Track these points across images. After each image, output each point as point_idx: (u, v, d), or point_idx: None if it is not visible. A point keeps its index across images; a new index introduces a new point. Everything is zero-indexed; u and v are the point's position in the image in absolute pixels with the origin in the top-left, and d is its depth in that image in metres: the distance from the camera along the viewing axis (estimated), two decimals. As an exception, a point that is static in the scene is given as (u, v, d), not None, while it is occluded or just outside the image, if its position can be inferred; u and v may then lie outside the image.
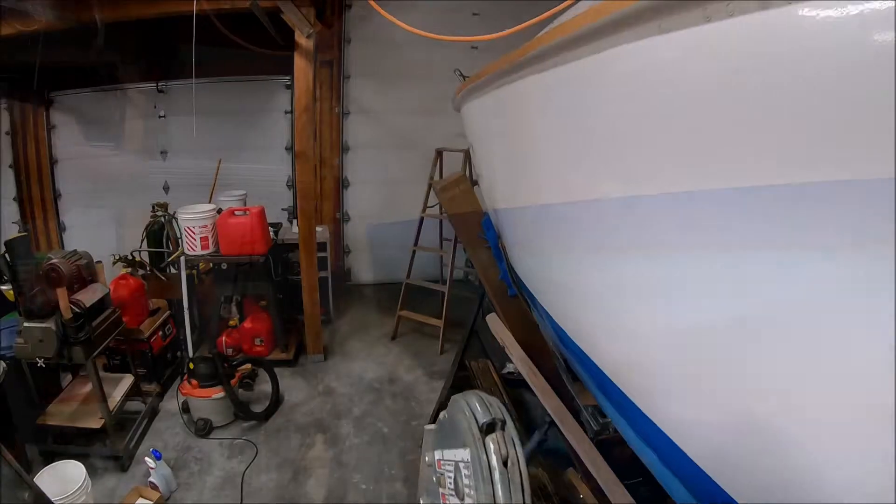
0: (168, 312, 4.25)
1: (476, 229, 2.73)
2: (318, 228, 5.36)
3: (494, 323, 2.92)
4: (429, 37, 2.72)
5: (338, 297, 5.74)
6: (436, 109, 6.29)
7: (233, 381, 3.70)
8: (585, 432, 2.16)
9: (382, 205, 6.44)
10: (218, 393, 3.61)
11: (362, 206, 6.44)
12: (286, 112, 6.11)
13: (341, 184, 6.29)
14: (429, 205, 5.29)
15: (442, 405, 3.33)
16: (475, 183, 4.24)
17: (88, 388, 3.39)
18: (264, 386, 3.99)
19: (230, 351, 4.41)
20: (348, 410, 3.95)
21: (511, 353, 2.66)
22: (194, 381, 3.63)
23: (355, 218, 6.47)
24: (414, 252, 5.20)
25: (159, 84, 5.80)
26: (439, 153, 5.41)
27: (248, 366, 3.99)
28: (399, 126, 6.40)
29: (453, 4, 6.35)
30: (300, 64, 4.30)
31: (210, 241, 4.20)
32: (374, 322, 5.52)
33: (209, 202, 4.80)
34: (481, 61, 6.36)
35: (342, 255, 6.47)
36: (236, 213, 4.26)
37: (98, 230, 5.95)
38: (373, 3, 2.93)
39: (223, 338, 4.45)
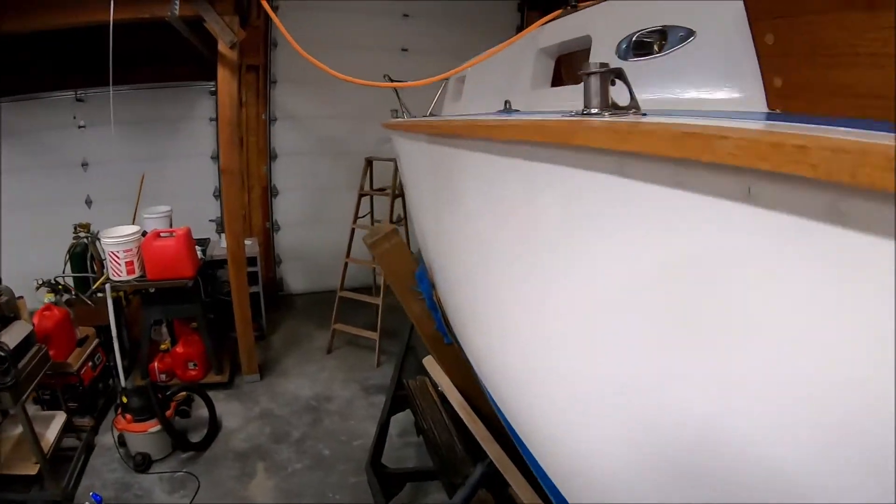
0: (97, 341, 4.15)
1: (409, 282, 2.83)
2: (248, 242, 5.33)
3: (432, 366, 3.05)
4: (353, 82, 2.76)
5: (270, 311, 5.74)
6: (365, 114, 6.29)
7: (168, 413, 3.69)
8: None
9: (313, 213, 6.44)
10: (154, 426, 3.59)
11: (292, 215, 6.41)
12: (211, 119, 5.95)
13: (270, 192, 6.23)
14: (360, 215, 5.37)
15: (383, 428, 3.48)
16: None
17: (19, 430, 3.30)
18: (202, 411, 3.99)
19: (163, 377, 4.37)
20: (287, 434, 4.02)
21: (449, 398, 2.81)
22: (129, 416, 3.59)
23: (286, 227, 6.43)
24: (346, 264, 5.28)
25: (78, 92, 5.47)
26: (369, 162, 5.46)
27: (184, 393, 3.98)
28: (328, 132, 6.39)
29: (383, 6, 6.34)
30: (224, 75, 4.23)
31: (136, 265, 4.11)
32: (309, 335, 5.57)
33: (133, 223, 4.67)
34: (412, 64, 6.51)
35: (273, 266, 6.43)
36: (162, 235, 4.19)
37: (16, 249, 5.59)
38: (295, 45, 2.91)
39: (155, 363, 4.39)
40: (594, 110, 0.99)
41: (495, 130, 1.34)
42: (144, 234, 4.26)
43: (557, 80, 2.14)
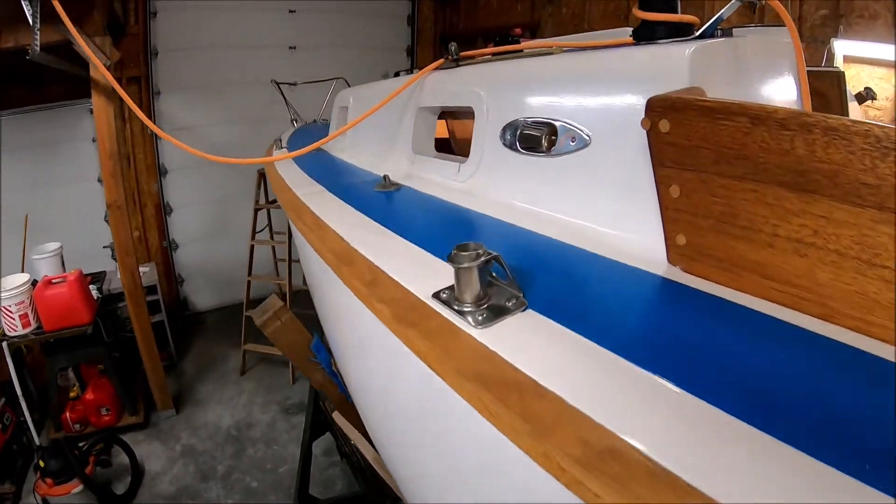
0: (2, 400, 4.03)
1: (306, 354, 2.95)
2: (145, 269, 5.25)
3: (341, 421, 3.24)
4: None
5: (179, 334, 5.70)
6: (255, 117, 6.27)
7: (88, 469, 3.74)
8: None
9: (211, 226, 6.33)
10: (77, 487, 3.63)
11: (190, 231, 6.26)
12: (94, 139, 5.61)
13: (164, 210, 6.03)
14: (257, 229, 5.40)
15: (306, 457, 3.74)
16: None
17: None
18: (123, 456, 4.05)
19: (77, 426, 4.33)
20: (213, 469, 4.19)
21: (363, 451, 3.00)
22: (49, 480, 3.61)
23: (184, 244, 6.27)
24: (249, 282, 5.35)
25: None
26: (262, 174, 5.46)
27: (101, 444, 4.01)
28: (218, 140, 6.23)
29: (268, 3, 6.22)
30: (100, 103, 4.04)
31: (30, 317, 4.01)
32: (221, 356, 5.62)
33: (22, 268, 4.46)
34: (301, 61, 6.45)
35: (176, 286, 6.30)
36: (53, 282, 4.08)
37: None
38: (141, 114, 2.85)
39: (67, 413, 4.33)
40: (466, 307, 0.82)
41: (343, 269, 1.17)
42: (35, 282, 4.12)
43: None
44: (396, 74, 2.81)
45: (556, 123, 1.26)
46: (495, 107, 1.46)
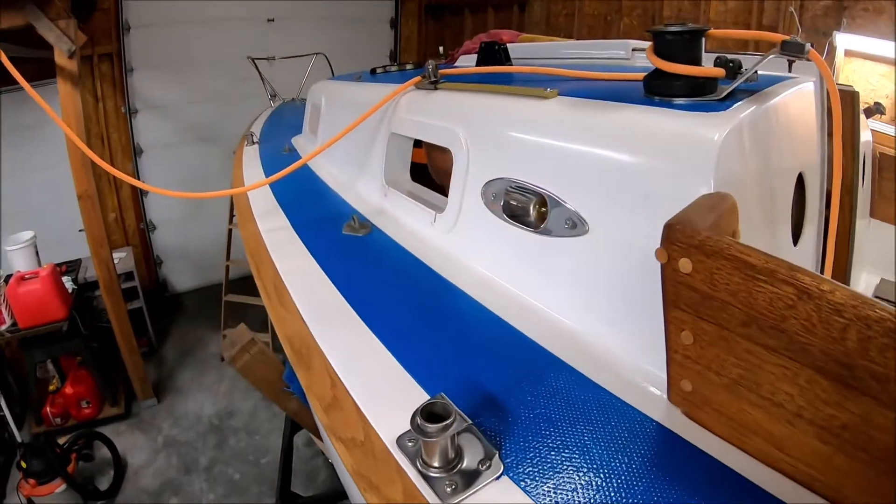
0: (-19, 396, 3.98)
1: (279, 385, 2.91)
2: (121, 254, 5.15)
3: (320, 444, 3.24)
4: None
5: (157, 319, 5.62)
6: (232, 95, 6.08)
7: (70, 467, 3.72)
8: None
9: (189, 206, 6.17)
10: (60, 486, 3.62)
11: (167, 212, 6.10)
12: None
13: (139, 191, 5.87)
14: (235, 213, 5.27)
15: (287, 454, 3.76)
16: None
17: None
18: (105, 449, 4.04)
19: (58, 420, 4.29)
20: (195, 461, 4.18)
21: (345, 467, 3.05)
22: (31, 480, 3.58)
23: (162, 225, 6.13)
24: (227, 266, 5.26)
25: None
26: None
27: (83, 439, 3.99)
28: (194, 119, 6.05)
29: (247, 9, 5.95)
30: (66, 90, 3.85)
31: (5, 314, 3.93)
32: (201, 340, 5.57)
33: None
34: (279, 34, 6.21)
35: (154, 268, 6.19)
36: (26, 277, 3.98)
37: None
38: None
39: (47, 408, 4.28)
40: (433, 472, 0.73)
41: (301, 372, 1.07)
42: (9, 277, 4.02)
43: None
44: (373, 72, 2.67)
45: (548, 196, 1.12)
46: (477, 156, 1.32)
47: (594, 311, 1.01)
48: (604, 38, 5.15)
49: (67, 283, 4.38)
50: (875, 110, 2.63)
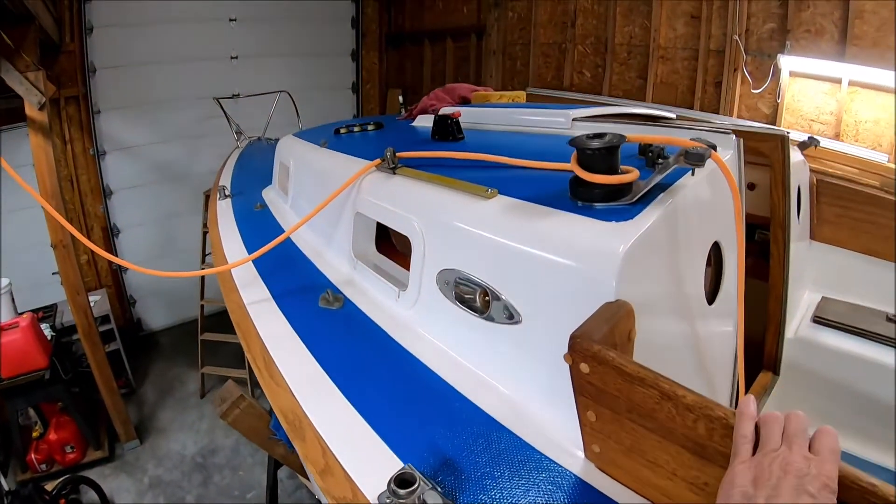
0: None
1: (266, 433, 3.06)
2: (96, 297, 5.21)
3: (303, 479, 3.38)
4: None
5: (135, 358, 5.70)
6: (198, 133, 6.20)
7: (59, 514, 3.80)
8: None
9: (161, 245, 6.27)
10: (49, 534, 3.71)
11: (140, 252, 6.17)
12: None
13: (111, 232, 5.94)
14: (207, 252, 5.37)
15: (272, 489, 3.88)
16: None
17: None
18: (92, 493, 4.11)
19: (43, 467, 4.36)
20: (182, 500, 4.26)
21: None
22: (19, 531, 3.66)
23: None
24: (202, 306, 5.37)
25: None
26: (207, 196, 5.42)
27: (69, 485, 4.06)
28: (162, 158, 6.16)
29: (208, 12, 6.10)
30: (37, 141, 3.93)
31: (-14, 365, 3.98)
32: (179, 378, 5.65)
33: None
34: (243, 71, 6.35)
35: (128, 308, 6.24)
36: (5, 328, 4.04)
37: None
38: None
39: (32, 454, 4.33)
40: None
41: (297, 443, 1.25)
42: (-14, 328, 4.08)
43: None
44: (337, 132, 2.86)
45: (489, 288, 1.29)
46: (431, 247, 1.48)
47: (532, 386, 1.21)
48: (558, 67, 5.45)
49: (45, 329, 4.45)
50: (809, 144, 2.89)
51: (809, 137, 2.81)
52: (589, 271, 1.08)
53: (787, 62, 3.53)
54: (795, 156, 2.51)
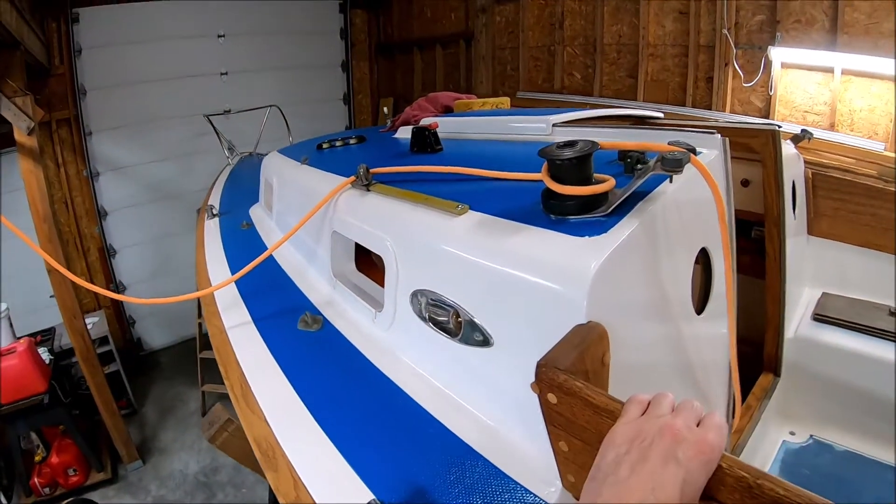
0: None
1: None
2: (94, 319, 5.20)
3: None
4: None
5: (135, 378, 5.67)
6: (191, 150, 6.19)
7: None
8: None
9: (157, 264, 6.25)
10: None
11: (137, 272, 6.18)
12: (25, 190, 5.44)
13: (107, 253, 5.92)
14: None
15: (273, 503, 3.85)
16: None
17: None
18: (96, 514, 4.09)
19: (47, 490, 4.33)
20: (186, 521, 4.27)
21: None
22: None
23: (132, 285, 6.19)
24: (200, 324, 5.34)
25: None
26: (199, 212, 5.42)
27: (72, 510, 4.03)
28: (156, 177, 6.15)
29: (196, 29, 6.10)
30: (27, 166, 3.92)
31: (-15, 391, 3.97)
32: (180, 397, 5.62)
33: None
34: (233, 87, 6.34)
35: (128, 328, 6.23)
36: (3, 354, 4.03)
37: None
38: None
39: (35, 478, 4.31)
40: None
41: (269, 473, 1.22)
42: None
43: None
44: (319, 147, 2.83)
45: (461, 310, 1.23)
46: (404, 267, 1.44)
47: (508, 412, 1.14)
48: (548, 70, 5.40)
49: (44, 354, 4.43)
50: (802, 137, 2.80)
51: (802, 130, 2.73)
52: (559, 291, 1.01)
53: (778, 54, 3.46)
54: (788, 150, 2.45)
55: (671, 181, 1.22)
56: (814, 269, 2.66)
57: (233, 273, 2.30)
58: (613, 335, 0.99)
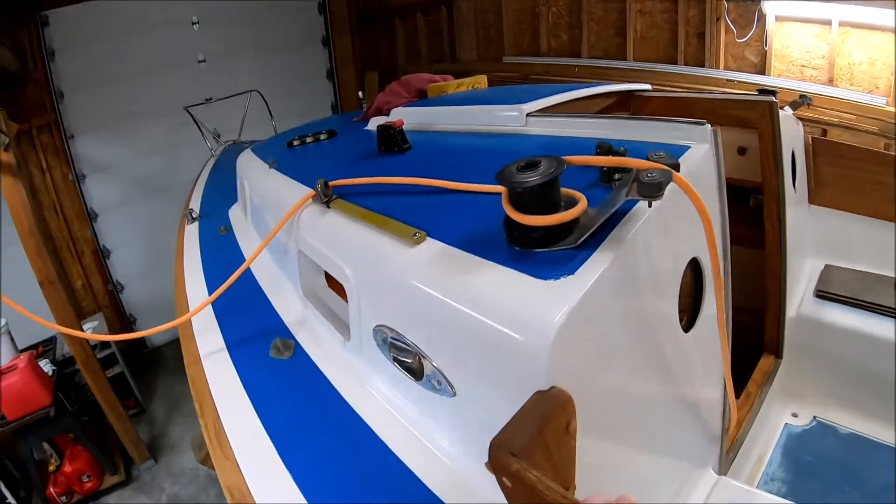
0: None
1: None
2: (93, 324, 5.18)
3: None
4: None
5: (141, 376, 5.69)
6: (175, 142, 6.07)
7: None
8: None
9: (153, 260, 6.16)
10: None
11: (133, 270, 6.12)
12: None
13: (101, 254, 5.86)
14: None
15: None
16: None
17: None
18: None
19: (63, 499, 4.39)
20: (201, 517, 4.32)
21: None
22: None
23: (130, 283, 6.14)
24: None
25: None
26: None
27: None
28: (142, 173, 6.04)
29: (168, 18, 5.89)
30: (7, 183, 3.80)
31: (-9, 409, 3.98)
32: (186, 392, 5.57)
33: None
34: (212, 74, 6.16)
35: (129, 326, 6.22)
36: (4, 372, 4.02)
37: None
38: None
39: (51, 488, 4.36)
40: None
41: None
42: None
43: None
44: (290, 145, 2.72)
45: (421, 353, 1.15)
46: (364, 298, 1.35)
47: (477, 461, 1.07)
48: (533, 33, 5.19)
49: (46, 366, 4.42)
50: (801, 103, 2.64)
51: (801, 96, 2.58)
52: (519, 346, 0.90)
53: (772, 7, 3.28)
54: (786, 116, 2.31)
55: (650, 205, 1.05)
56: (816, 239, 2.55)
57: (209, 289, 2.25)
58: (583, 393, 0.89)
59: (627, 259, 1.01)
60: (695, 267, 1.34)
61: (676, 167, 1.00)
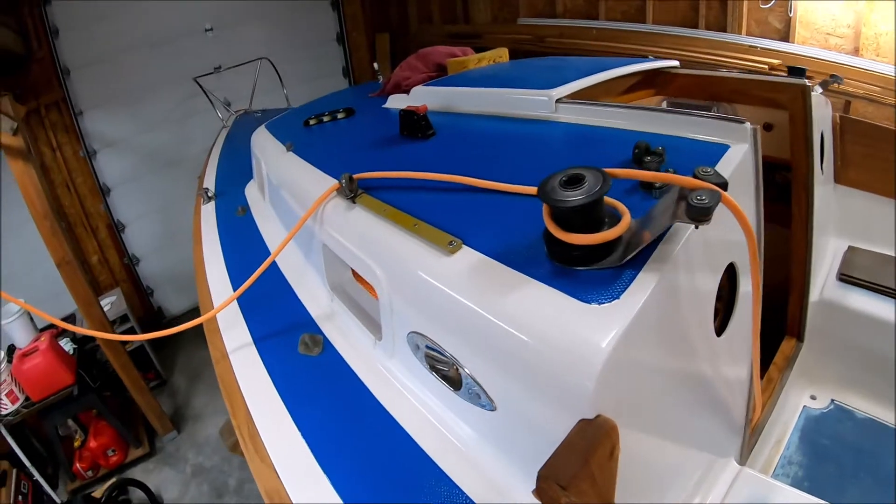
0: (15, 470, 4.17)
1: None
2: (112, 299, 5.24)
3: None
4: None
5: (161, 349, 5.78)
6: (185, 114, 6.02)
7: (112, 519, 3.97)
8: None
9: (167, 233, 6.19)
10: (105, 539, 3.88)
11: (148, 243, 6.15)
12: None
13: (116, 228, 5.88)
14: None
15: None
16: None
17: None
18: (139, 492, 4.27)
19: (90, 473, 4.52)
20: (225, 484, 4.40)
21: None
22: (77, 544, 3.84)
23: (145, 256, 6.17)
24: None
25: None
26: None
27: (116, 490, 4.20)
28: (153, 146, 6.00)
29: (183, 25, 5.83)
30: (18, 167, 3.78)
31: (16, 392, 4.07)
32: (206, 361, 5.63)
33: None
34: (220, 43, 6.06)
35: (147, 298, 6.28)
36: (27, 354, 4.09)
37: None
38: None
39: (77, 463, 4.48)
40: None
41: None
42: (11, 351, 4.16)
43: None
44: (306, 124, 2.68)
45: (458, 364, 1.14)
46: (397, 302, 1.34)
47: (515, 475, 1.08)
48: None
49: (66, 345, 4.50)
50: (831, 82, 2.56)
51: (832, 76, 2.49)
52: (564, 374, 0.89)
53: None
54: (816, 97, 2.24)
55: (696, 227, 1.01)
56: (840, 218, 2.51)
57: (231, 279, 2.25)
58: (625, 416, 0.90)
59: (671, 279, 0.99)
60: (730, 271, 1.33)
61: (724, 186, 0.95)
